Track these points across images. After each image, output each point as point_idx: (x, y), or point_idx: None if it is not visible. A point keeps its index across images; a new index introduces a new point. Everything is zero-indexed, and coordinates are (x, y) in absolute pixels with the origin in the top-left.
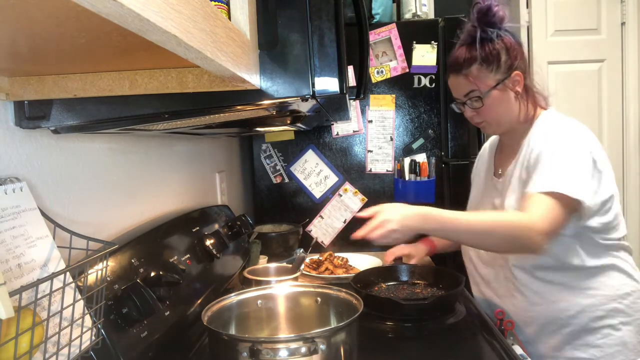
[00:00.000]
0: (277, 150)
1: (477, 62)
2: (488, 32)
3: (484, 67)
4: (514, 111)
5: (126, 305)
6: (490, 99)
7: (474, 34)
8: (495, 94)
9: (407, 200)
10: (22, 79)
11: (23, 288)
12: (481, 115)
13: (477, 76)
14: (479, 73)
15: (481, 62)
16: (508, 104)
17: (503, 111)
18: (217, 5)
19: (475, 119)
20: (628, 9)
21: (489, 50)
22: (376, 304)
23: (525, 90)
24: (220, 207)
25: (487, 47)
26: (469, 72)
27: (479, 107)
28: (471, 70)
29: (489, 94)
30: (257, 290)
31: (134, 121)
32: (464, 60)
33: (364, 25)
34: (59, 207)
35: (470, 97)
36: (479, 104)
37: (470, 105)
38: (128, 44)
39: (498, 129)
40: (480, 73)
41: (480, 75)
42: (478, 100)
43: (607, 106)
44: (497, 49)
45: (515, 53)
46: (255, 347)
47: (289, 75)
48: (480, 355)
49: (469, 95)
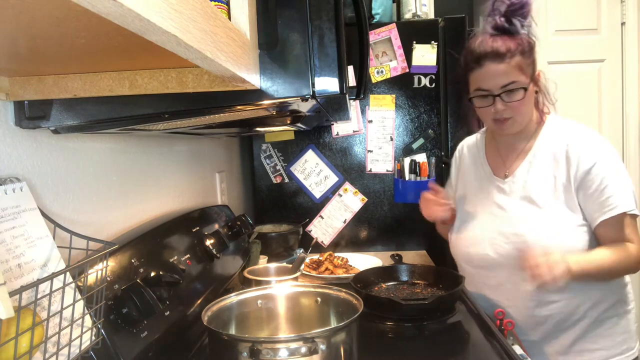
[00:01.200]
0: (277, 150)
1: (519, 53)
2: (525, 26)
3: (525, 59)
4: (532, 109)
5: (126, 305)
6: (527, 92)
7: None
8: (530, 88)
9: (407, 200)
10: (22, 79)
11: (23, 288)
12: (513, 110)
13: (519, 67)
14: (522, 64)
15: (522, 53)
16: (531, 101)
17: (530, 108)
18: (217, 5)
19: (504, 114)
20: (628, 9)
21: (529, 42)
22: (376, 304)
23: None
24: (220, 207)
25: (527, 39)
26: (513, 61)
27: (517, 100)
28: (516, 60)
29: (527, 87)
30: (257, 290)
31: (134, 121)
32: (507, 50)
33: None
34: (59, 207)
35: (510, 89)
36: (519, 96)
37: (505, 98)
38: (128, 44)
39: (519, 127)
40: (523, 64)
41: (522, 67)
42: (518, 92)
43: (607, 106)
44: (532, 43)
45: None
46: (255, 347)
47: (289, 75)
48: (480, 355)
49: (508, 87)
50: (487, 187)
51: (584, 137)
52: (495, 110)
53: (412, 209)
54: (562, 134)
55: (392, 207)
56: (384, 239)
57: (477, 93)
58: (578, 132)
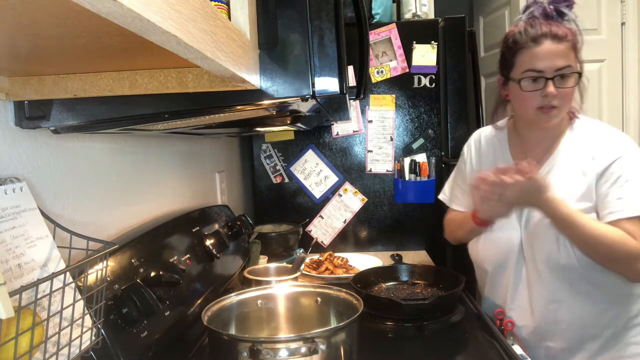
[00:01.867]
0: (277, 150)
1: (574, 39)
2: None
3: (578, 47)
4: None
5: (126, 305)
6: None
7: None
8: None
9: (407, 200)
10: (22, 79)
11: (23, 288)
12: (562, 97)
13: (576, 52)
14: (577, 49)
15: (576, 42)
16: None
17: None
18: (217, 5)
19: (553, 100)
20: (628, 9)
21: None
22: (376, 304)
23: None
24: (220, 207)
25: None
26: (571, 44)
27: (570, 87)
28: (573, 44)
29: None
30: (257, 290)
31: (134, 121)
32: (564, 34)
33: (364, 25)
34: (59, 207)
35: (564, 73)
36: (572, 82)
37: (558, 83)
38: (128, 44)
39: (559, 120)
40: (577, 51)
41: (577, 53)
42: (572, 78)
43: (607, 106)
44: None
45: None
46: (255, 347)
47: (289, 75)
48: (480, 355)
49: (564, 70)
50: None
51: (610, 136)
52: (546, 94)
53: (412, 209)
54: (589, 134)
55: (392, 207)
56: (384, 239)
57: (528, 74)
58: (605, 131)
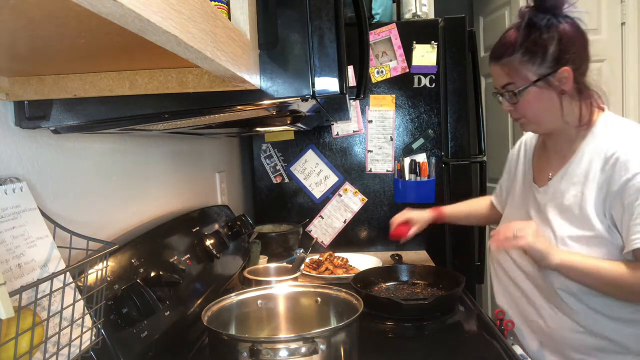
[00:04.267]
0: (277, 150)
1: (518, 51)
2: (538, 18)
3: (526, 59)
4: (556, 112)
5: (126, 305)
6: (528, 95)
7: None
8: (534, 90)
9: (407, 200)
10: (22, 79)
11: (23, 288)
12: (518, 112)
13: (515, 68)
14: (518, 65)
15: (523, 52)
16: (550, 103)
17: (543, 111)
18: (217, 5)
19: (513, 114)
20: (628, 9)
21: (534, 39)
22: (376, 304)
23: (578, 89)
24: (220, 207)
25: (533, 35)
26: (508, 62)
27: (513, 103)
28: (511, 61)
29: (526, 90)
30: (257, 290)
31: (134, 121)
32: (506, 47)
33: (364, 25)
34: (59, 207)
35: (507, 90)
36: (513, 100)
37: (507, 99)
38: (128, 44)
39: (538, 128)
40: (521, 65)
41: (519, 68)
42: (513, 95)
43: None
44: (545, 39)
45: (568, 46)
46: (255, 347)
47: (289, 75)
48: (480, 355)
49: (506, 88)
50: (527, 193)
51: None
52: (504, 109)
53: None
54: (611, 138)
55: (392, 207)
56: (384, 239)
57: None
58: (630, 136)
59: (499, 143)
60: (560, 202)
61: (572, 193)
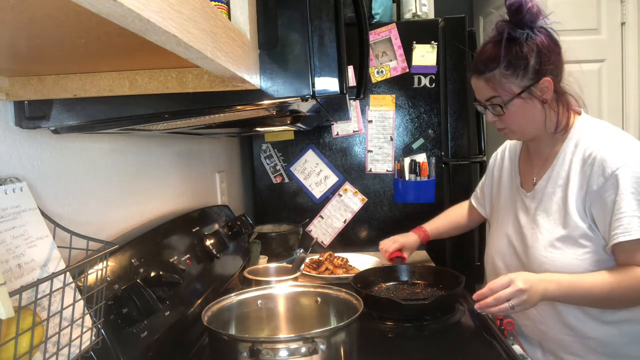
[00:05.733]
0: (277, 150)
1: (501, 65)
2: (517, 33)
3: (509, 72)
4: (539, 120)
5: (126, 305)
6: (512, 107)
7: (502, 33)
8: (519, 102)
9: (407, 200)
10: (22, 79)
11: (23, 288)
12: (503, 122)
13: (499, 82)
14: (501, 78)
15: (506, 66)
16: (533, 113)
17: (528, 120)
18: (217, 5)
19: (497, 124)
20: (628, 9)
21: (516, 53)
22: (376, 304)
23: (557, 97)
24: (220, 207)
25: (514, 49)
26: (491, 76)
27: (499, 115)
28: (494, 75)
29: (511, 102)
30: (257, 290)
31: (134, 121)
32: (487, 61)
33: (364, 25)
34: (59, 207)
35: (492, 103)
36: (499, 112)
37: (491, 111)
38: (128, 44)
39: (523, 136)
40: (503, 78)
41: (502, 81)
42: (498, 108)
43: (607, 106)
44: (525, 52)
45: (547, 57)
46: (255, 347)
47: (289, 75)
48: (480, 355)
49: (490, 101)
50: (514, 198)
51: (610, 142)
52: (488, 121)
53: (412, 209)
54: (588, 138)
55: (392, 207)
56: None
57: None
58: (605, 135)
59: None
60: (547, 206)
61: (558, 195)
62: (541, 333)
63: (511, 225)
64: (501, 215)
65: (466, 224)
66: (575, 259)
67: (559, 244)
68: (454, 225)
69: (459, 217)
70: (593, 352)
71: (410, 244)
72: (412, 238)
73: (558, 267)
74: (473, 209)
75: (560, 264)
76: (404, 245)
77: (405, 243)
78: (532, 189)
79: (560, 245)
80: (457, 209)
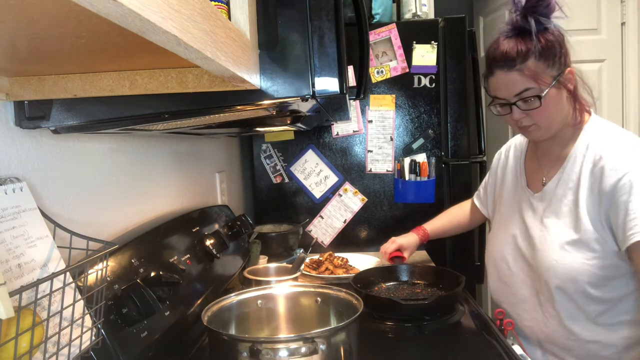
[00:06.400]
0: (277, 150)
1: (534, 55)
2: (542, 23)
3: (542, 62)
4: (565, 113)
5: (126, 305)
6: (547, 98)
7: (526, 25)
8: (553, 92)
9: (407, 200)
10: (22, 79)
11: (23, 288)
12: (533, 117)
13: (534, 72)
14: (536, 68)
15: (539, 56)
16: (562, 105)
17: (557, 112)
18: (217, 5)
19: (523, 122)
20: (628, 9)
21: (546, 42)
22: (376, 304)
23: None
24: (220, 207)
25: (543, 38)
26: (524, 67)
27: (534, 108)
28: (527, 65)
29: (547, 92)
30: (257, 290)
31: (134, 121)
32: (517, 54)
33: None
34: (59, 207)
35: (525, 97)
36: (535, 104)
37: (522, 107)
38: (128, 44)
39: (547, 133)
40: (538, 68)
41: (537, 71)
42: (535, 100)
43: (607, 106)
44: (552, 41)
45: (566, 48)
46: (255, 347)
47: (289, 75)
48: (480, 355)
49: (523, 95)
50: (519, 198)
51: (621, 145)
52: (514, 119)
53: (412, 209)
54: (598, 141)
55: (392, 207)
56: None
57: (495, 101)
58: (616, 138)
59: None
60: (557, 208)
61: (569, 198)
62: (544, 335)
63: (517, 226)
64: (504, 215)
65: (467, 224)
66: (584, 263)
67: (569, 248)
68: (455, 224)
69: (460, 217)
70: (594, 355)
71: (410, 243)
72: (412, 238)
73: (566, 270)
74: (475, 209)
75: (569, 267)
76: (403, 246)
77: (404, 243)
78: (540, 189)
79: (570, 248)
80: (458, 209)
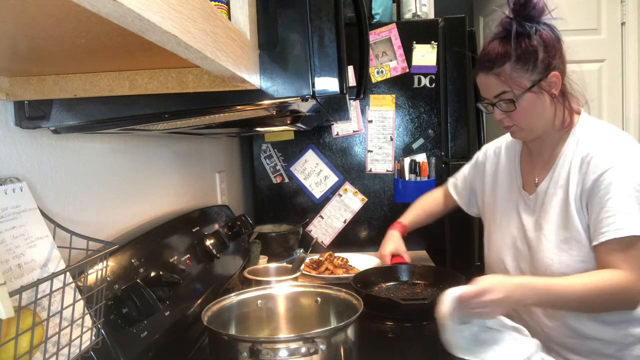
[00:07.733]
0: (277, 150)
1: (511, 59)
2: (525, 27)
3: (519, 66)
4: (548, 116)
5: (126, 305)
6: (523, 101)
7: (509, 28)
8: (530, 96)
9: (407, 200)
10: (22, 79)
11: (23, 288)
12: (512, 119)
13: (510, 76)
14: (512, 72)
15: (516, 60)
16: (543, 108)
17: (537, 116)
18: (217, 5)
19: (505, 122)
20: (628, 9)
21: (526, 47)
22: (376, 304)
23: (562, 93)
24: (220, 207)
25: (524, 43)
26: (501, 71)
27: (510, 111)
28: (504, 69)
29: (522, 96)
30: (257, 290)
31: (134, 121)
32: (496, 57)
33: (364, 25)
34: (59, 207)
35: (502, 99)
36: (511, 107)
37: (500, 108)
38: (128, 44)
39: (530, 134)
40: (514, 72)
41: (513, 75)
42: (510, 103)
43: (607, 106)
44: (535, 45)
45: (554, 51)
46: (255, 347)
47: (289, 75)
48: None
49: (500, 97)
50: (515, 199)
51: (607, 142)
52: (495, 118)
53: None
54: (587, 139)
55: (392, 207)
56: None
57: (482, 100)
58: (604, 135)
59: None
60: (549, 207)
61: (560, 196)
62: (545, 335)
63: (515, 228)
64: (500, 215)
65: (441, 212)
66: (580, 261)
67: (564, 246)
68: (429, 214)
69: (434, 206)
70: (597, 353)
71: (400, 245)
72: (396, 239)
73: (564, 269)
74: (449, 197)
75: (566, 266)
76: (397, 250)
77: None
78: (534, 191)
79: (566, 247)
80: (429, 198)
